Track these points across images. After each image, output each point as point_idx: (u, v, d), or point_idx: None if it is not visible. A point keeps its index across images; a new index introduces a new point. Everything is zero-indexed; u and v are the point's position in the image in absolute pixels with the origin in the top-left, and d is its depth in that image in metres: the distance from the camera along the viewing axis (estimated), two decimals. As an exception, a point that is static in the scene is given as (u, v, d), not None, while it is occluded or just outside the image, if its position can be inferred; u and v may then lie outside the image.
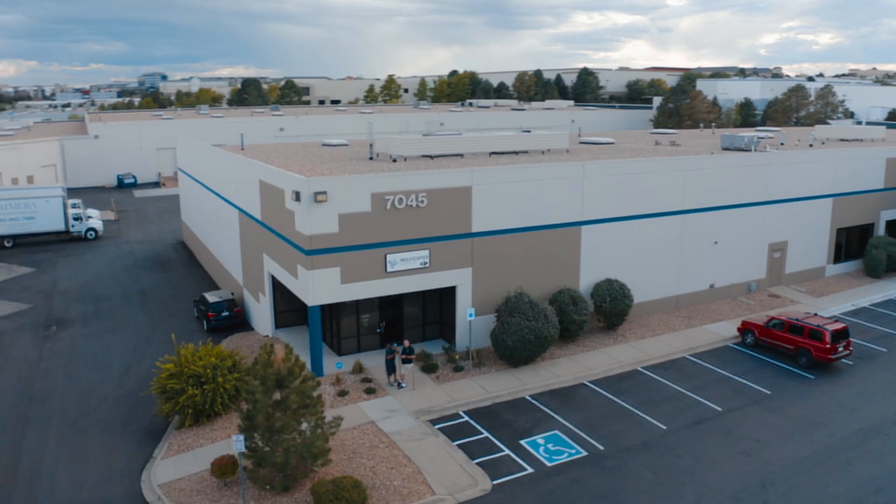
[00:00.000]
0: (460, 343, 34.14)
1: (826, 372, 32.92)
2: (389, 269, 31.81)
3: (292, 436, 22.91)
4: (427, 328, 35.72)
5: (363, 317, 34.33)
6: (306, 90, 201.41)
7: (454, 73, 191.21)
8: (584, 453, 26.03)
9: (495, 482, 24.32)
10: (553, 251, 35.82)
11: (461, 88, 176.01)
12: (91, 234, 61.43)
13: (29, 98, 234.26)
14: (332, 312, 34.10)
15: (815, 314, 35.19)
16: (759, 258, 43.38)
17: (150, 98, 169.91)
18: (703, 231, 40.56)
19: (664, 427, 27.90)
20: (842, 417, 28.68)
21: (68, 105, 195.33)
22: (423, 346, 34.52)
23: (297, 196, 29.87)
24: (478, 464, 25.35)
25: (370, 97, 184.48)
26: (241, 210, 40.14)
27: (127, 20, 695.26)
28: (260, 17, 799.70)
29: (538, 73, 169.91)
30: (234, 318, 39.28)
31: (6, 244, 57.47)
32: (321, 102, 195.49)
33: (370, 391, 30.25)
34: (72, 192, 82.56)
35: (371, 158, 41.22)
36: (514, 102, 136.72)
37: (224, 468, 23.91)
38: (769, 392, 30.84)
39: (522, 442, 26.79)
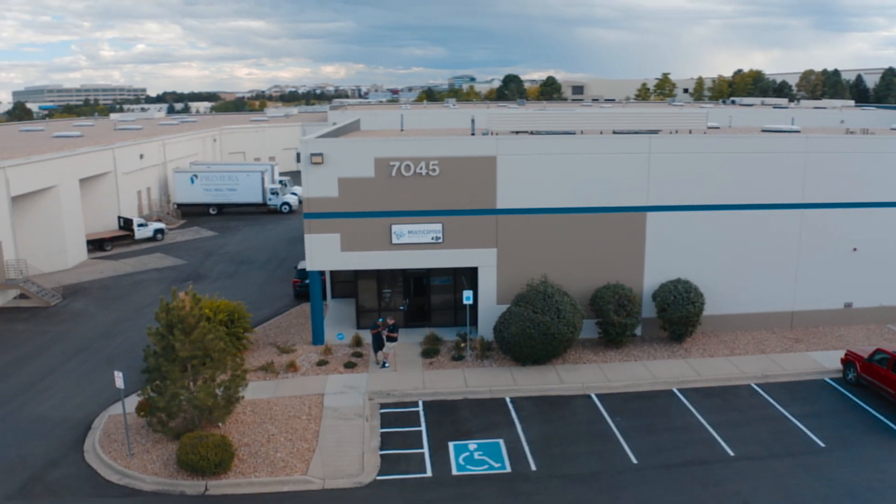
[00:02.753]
0: (483, 330, 30.69)
1: (932, 432, 23.14)
2: (395, 240, 29.71)
3: (178, 384, 22.48)
4: (459, 313, 32.64)
5: (385, 292, 32.62)
6: (580, 88, 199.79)
7: (739, 72, 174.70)
8: (507, 471, 21.57)
9: (378, 478, 21.32)
10: (606, 239, 30.34)
11: (742, 87, 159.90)
12: (285, 208, 67.41)
13: (346, 96, 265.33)
14: (354, 285, 32.95)
15: (941, 351, 24.82)
16: (927, 276, 32.07)
17: (425, 94, 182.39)
18: (834, 233, 31.09)
19: (635, 461, 21.94)
20: (900, 495, 19.88)
21: (369, 102, 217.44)
22: (444, 331, 31.67)
23: (298, 158, 29.33)
24: (383, 455, 22.48)
25: (641, 95, 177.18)
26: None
27: (446, 26, 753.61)
28: (572, 21, 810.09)
29: (832, 73, 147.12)
30: (317, 286, 39.95)
31: (211, 211, 65.78)
32: (594, 100, 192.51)
33: (350, 365, 28.60)
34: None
35: (472, 134, 38.97)
36: (783, 101, 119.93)
37: (144, 408, 24.34)
38: (823, 445, 22.53)
39: (451, 443, 23.09)
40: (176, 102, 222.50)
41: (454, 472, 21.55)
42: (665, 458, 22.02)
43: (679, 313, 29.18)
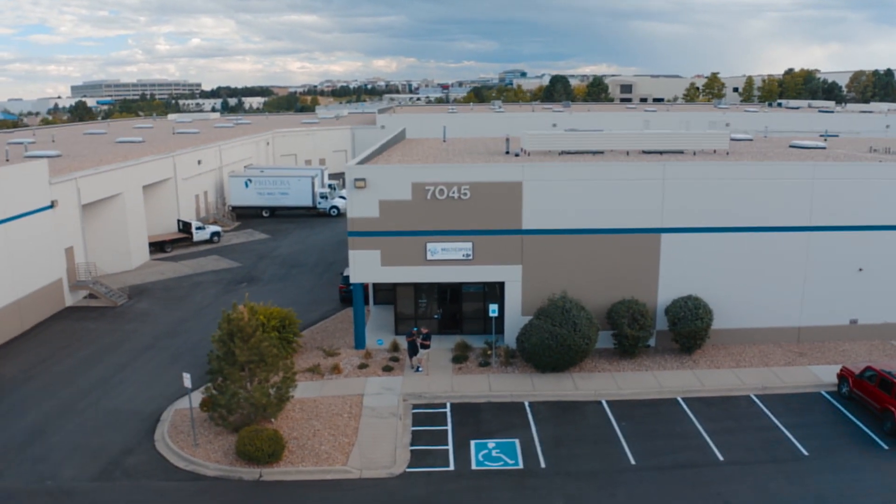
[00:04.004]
0: (508, 340, 33.65)
1: (910, 446, 25.28)
2: (430, 256, 32.82)
3: (237, 384, 26.02)
4: (488, 321, 35.55)
5: (420, 301, 35.80)
6: (628, 87, 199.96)
7: (789, 71, 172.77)
8: (519, 467, 24.61)
9: (408, 470, 24.58)
10: (623, 258, 32.96)
11: (792, 87, 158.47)
12: (333, 212, 70.96)
13: (397, 91, 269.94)
14: (393, 294, 36.23)
15: (926, 370, 26.83)
16: (931, 296, 33.77)
17: (473, 93, 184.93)
18: (840, 254, 33.08)
19: (633, 462, 24.73)
20: (872, 503, 22.19)
21: (419, 98, 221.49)
22: (474, 338, 34.74)
23: (343, 182, 32.64)
24: (413, 450, 25.72)
25: (689, 95, 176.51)
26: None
27: (498, 20, 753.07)
28: (626, 15, 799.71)
29: (884, 73, 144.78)
30: (361, 292, 43.35)
31: (264, 214, 69.96)
32: (643, 100, 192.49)
33: (387, 369, 31.88)
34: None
35: (507, 153, 41.83)
36: (829, 104, 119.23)
37: (207, 404, 28.00)
38: (807, 454, 24.93)
39: (473, 441, 26.22)
40: (230, 97, 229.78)
41: (473, 466, 24.67)
42: (660, 461, 24.75)
43: (688, 328, 31.68)
